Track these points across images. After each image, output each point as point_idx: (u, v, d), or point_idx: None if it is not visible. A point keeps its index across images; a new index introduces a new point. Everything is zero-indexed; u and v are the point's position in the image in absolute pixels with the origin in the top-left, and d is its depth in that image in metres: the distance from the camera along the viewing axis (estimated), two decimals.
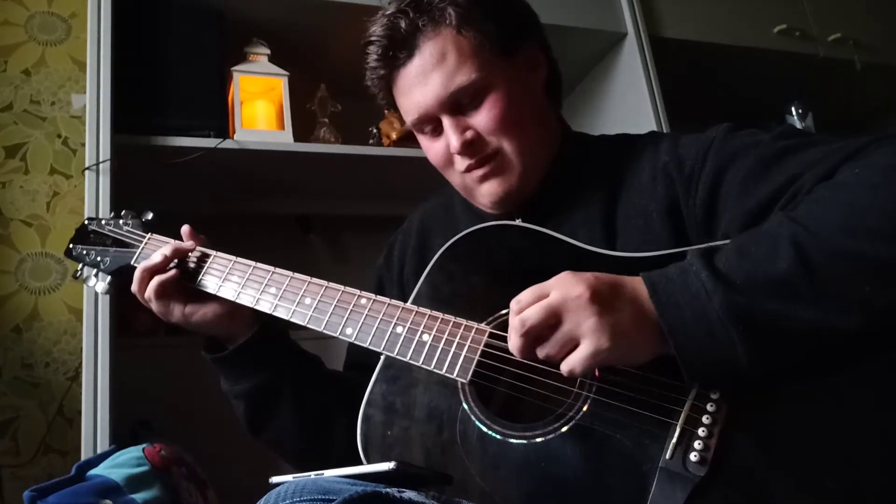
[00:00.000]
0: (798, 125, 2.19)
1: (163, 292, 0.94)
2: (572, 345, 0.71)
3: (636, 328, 0.71)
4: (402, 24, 0.90)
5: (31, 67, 1.80)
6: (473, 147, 0.93)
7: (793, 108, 2.22)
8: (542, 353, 0.73)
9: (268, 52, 1.67)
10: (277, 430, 0.99)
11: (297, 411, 0.98)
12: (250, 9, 1.63)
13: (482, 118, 0.92)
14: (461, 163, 0.94)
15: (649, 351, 0.72)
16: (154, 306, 0.95)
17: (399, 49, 0.92)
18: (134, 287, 0.96)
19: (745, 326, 0.67)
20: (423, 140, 0.99)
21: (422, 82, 0.91)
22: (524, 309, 0.73)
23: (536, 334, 0.72)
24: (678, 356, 0.69)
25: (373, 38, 0.94)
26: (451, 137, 0.92)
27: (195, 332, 0.99)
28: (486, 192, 0.96)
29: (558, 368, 0.72)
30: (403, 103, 0.96)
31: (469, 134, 0.92)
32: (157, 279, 0.94)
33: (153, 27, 1.53)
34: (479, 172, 0.94)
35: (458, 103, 0.92)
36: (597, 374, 0.76)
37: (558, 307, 0.71)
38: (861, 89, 2.34)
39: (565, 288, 0.72)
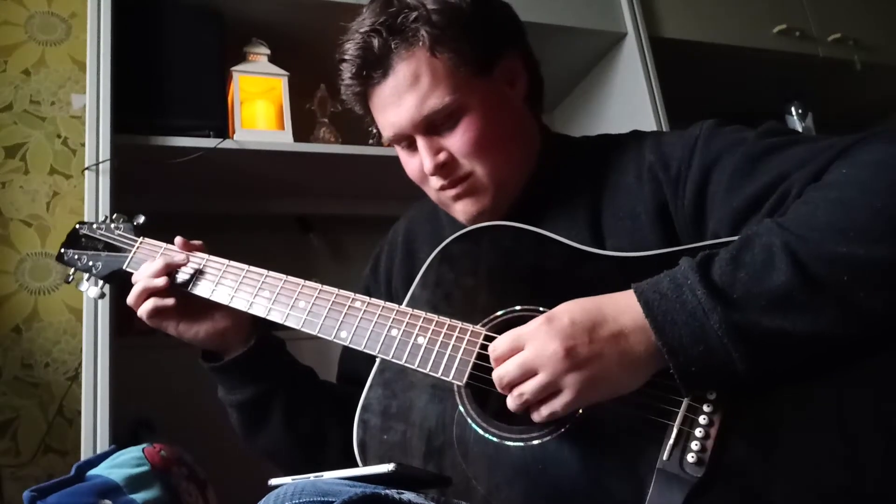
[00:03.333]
0: (798, 125, 2.19)
1: (156, 314, 0.95)
2: (550, 392, 0.71)
3: (618, 368, 0.71)
4: (376, 44, 0.89)
5: (31, 67, 1.80)
6: (446, 169, 0.93)
7: (793, 108, 2.21)
8: (520, 400, 0.72)
9: (268, 52, 1.67)
10: (269, 441, 1.00)
11: (288, 424, 0.98)
12: (250, 9, 1.63)
13: (456, 141, 0.91)
14: (435, 182, 0.95)
15: (639, 380, 0.72)
16: (147, 322, 0.96)
17: (373, 69, 0.91)
18: (130, 300, 0.96)
19: (744, 343, 0.67)
20: (400, 153, 0.99)
21: (395, 103, 0.91)
22: (500, 360, 0.73)
23: (515, 387, 0.73)
24: (676, 374, 0.69)
25: (346, 57, 0.93)
26: (425, 159, 0.92)
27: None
28: (461, 210, 0.96)
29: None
30: (379, 119, 0.96)
31: (442, 156, 0.92)
32: (153, 302, 0.94)
33: (153, 27, 1.53)
34: (452, 192, 0.95)
35: (433, 124, 0.91)
36: None
37: (532, 364, 0.71)
38: (861, 89, 2.34)
39: (540, 343, 0.71)
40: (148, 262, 0.97)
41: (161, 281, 0.94)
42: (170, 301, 0.94)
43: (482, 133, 0.91)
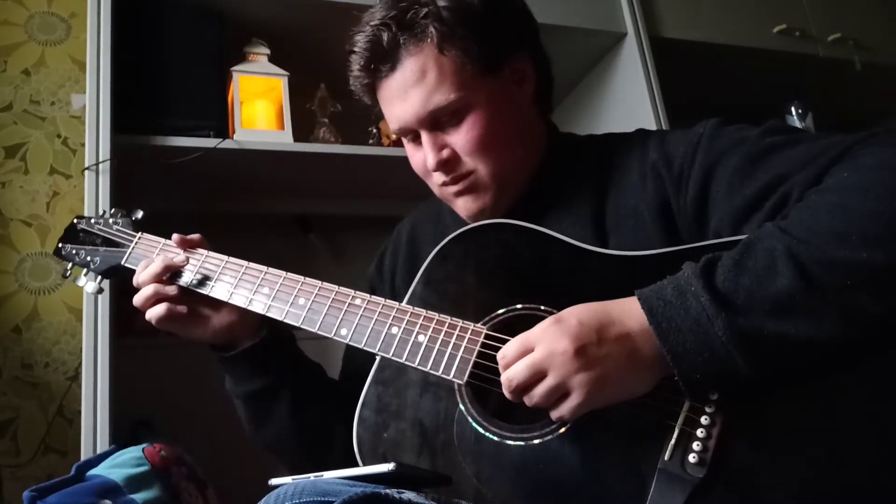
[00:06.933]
0: (798, 125, 2.19)
1: (167, 319, 0.94)
2: (559, 395, 0.72)
3: (627, 370, 0.71)
4: (385, 38, 0.90)
5: (30, 67, 1.80)
6: (449, 165, 0.93)
7: (793, 108, 2.21)
8: (529, 402, 0.73)
9: (268, 52, 1.67)
10: (274, 434, 0.99)
11: (294, 418, 0.98)
12: (250, 9, 1.63)
13: (460, 139, 0.92)
14: (438, 177, 0.95)
15: (646, 384, 0.73)
16: (157, 326, 0.94)
17: (381, 62, 0.92)
18: (137, 302, 0.94)
19: (748, 348, 0.67)
20: (406, 146, 1.00)
21: (401, 97, 0.91)
22: (510, 364, 0.73)
23: (523, 389, 0.73)
24: (681, 381, 0.70)
25: (356, 49, 0.93)
26: (428, 155, 0.93)
27: None
28: (462, 207, 0.97)
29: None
30: (386, 112, 0.97)
31: (445, 153, 0.93)
32: (165, 308, 0.92)
33: (153, 27, 1.53)
34: (454, 189, 0.95)
35: (438, 120, 0.92)
36: None
37: (542, 364, 0.71)
38: (861, 89, 2.33)
39: (550, 343, 0.71)
40: (145, 261, 0.96)
41: (172, 289, 0.94)
42: (182, 308, 0.94)
43: (486, 132, 0.91)
